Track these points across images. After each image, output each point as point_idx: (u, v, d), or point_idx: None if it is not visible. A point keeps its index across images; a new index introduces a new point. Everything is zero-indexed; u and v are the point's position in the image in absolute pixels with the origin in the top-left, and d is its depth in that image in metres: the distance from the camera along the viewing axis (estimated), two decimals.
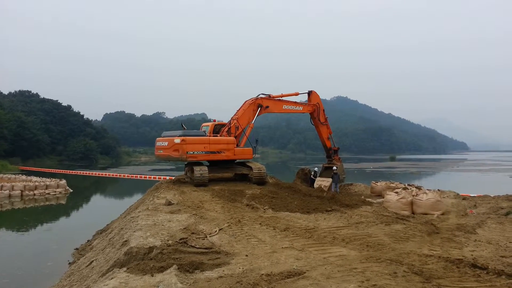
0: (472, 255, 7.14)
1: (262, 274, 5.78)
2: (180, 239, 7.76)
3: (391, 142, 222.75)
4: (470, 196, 18.34)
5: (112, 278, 5.81)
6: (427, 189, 16.16)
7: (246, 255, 6.90)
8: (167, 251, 6.94)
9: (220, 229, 8.84)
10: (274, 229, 8.98)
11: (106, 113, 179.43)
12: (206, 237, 8.20)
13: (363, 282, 5.45)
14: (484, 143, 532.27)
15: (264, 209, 11.55)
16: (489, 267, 6.24)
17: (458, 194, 18.29)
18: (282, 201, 12.95)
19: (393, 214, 11.66)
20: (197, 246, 7.41)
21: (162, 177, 34.37)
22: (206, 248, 7.32)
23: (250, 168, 17.28)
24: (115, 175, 47.08)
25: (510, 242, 8.25)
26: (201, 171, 15.80)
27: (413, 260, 6.65)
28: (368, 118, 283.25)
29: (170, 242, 7.53)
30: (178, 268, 6.03)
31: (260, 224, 9.47)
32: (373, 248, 7.43)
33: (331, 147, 22.28)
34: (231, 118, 18.54)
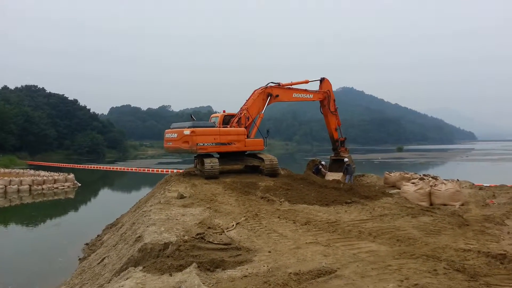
0: None
1: (290, 273, 5.30)
2: (197, 234, 7.31)
3: (398, 133, 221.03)
4: (486, 186, 17.82)
5: (127, 278, 5.37)
6: (444, 179, 15.64)
7: (269, 252, 6.43)
8: (184, 248, 6.50)
9: (237, 223, 8.39)
10: (294, 222, 8.51)
11: (112, 107, 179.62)
12: (224, 231, 7.74)
13: (402, 281, 4.97)
14: (491, 132, 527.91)
15: (281, 202, 11.07)
16: None
17: (473, 184, 17.74)
18: (298, 193, 12.45)
19: (416, 205, 11.12)
20: (216, 242, 6.96)
21: (170, 170, 34.01)
22: (225, 244, 6.87)
23: (262, 159, 16.80)
24: (123, 169, 46.90)
25: None
26: (211, 163, 15.36)
27: (451, 255, 6.15)
28: (374, 108, 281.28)
29: (186, 237, 7.08)
30: (198, 267, 5.58)
31: (278, 217, 9.00)
32: (404, 243, 6.93)
33: (338, 138, 21.68)
34: (241, 108, 18.03)
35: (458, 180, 17.01)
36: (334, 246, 6.74)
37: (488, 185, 18.47)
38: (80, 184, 31.77)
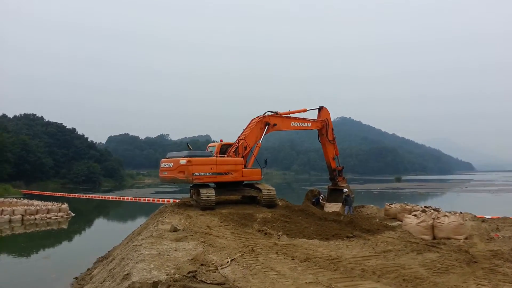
0: None
1: None
2: (188, 272, 6.82)
3: (396, 163, 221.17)
4: (488, 218, 17.39)
5: None
6: (447, 212, 15.21)
7: None
8: None
9: (233, 260, 7.90)
10: (292, 259, 8.02)
11: (111, 136, 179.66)
12: (218, 269, 7.25)
13: None
14: (488, 162, 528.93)
15: (278, 236, 10.59)
16: None
17: (475, 216, 17.30)
18: (297, 226, 11.98)
19: (420, 240, 10.65)
20: (208, 281, 6.47)
21: (166, 199, 33.42)
22: (219, 284, 6.38)
23: (259, 189, 16.42)
24: (118, 198, 46.17)
25: None
26: (208, 194, 14.95)
27: None
28: (372, 138, 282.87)
29: (177, 276, 6.60)
30: None
31: (276, 253, 8.51)
32: (412, 283, 6.46)
33: (336, 168, 21.37)
34: (238, 137, 17.79)
35: (461, 212, 16.58)
36: (336, 287, 6.26)
37: (490, 217, 18.05)
38: (74, 214, 31.10)
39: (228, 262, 7.72)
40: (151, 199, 39.96)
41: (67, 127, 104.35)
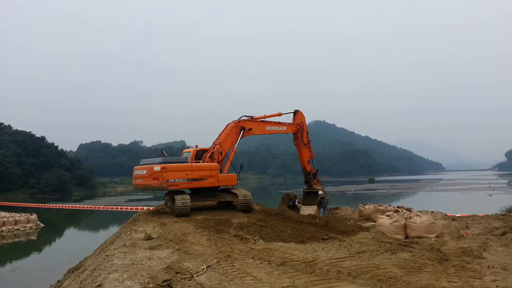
0: (497, 286, 6.34)
1: None
2: (163, 281, 6.67)
3: (369, 165, 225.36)
4: (457, 217, 17.91)
5: None
6: (418, 211, 15.56)
7: None
8: None
9: (208, 266, 7.78)
10: (269, 263, 7.98)
11: (82, 144, 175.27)
12: (193, 276, 7.13)
13: None
14: (457, 162, 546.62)
15: (255, 240, 10.53)
16: None
17: (445, 215, 17.79)
18: (273, 230, 11.95)
19: (394, 240, 10.83)
20: None
21: (139, 207, 32.78)
22: None
23: (235, 194, 16.32)
24: (90, 207, 45.01)
25: None
26: (182, 200, 14.73)
27: None
28: (346, 141, 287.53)
29: (151, 285, 6.44)
30: None
31: (252, 258, 8.45)
32: (386, 283, 6.53)
33: (311, 170, 21.54)
34: (213, 143, 17.67)
35: (432, 211, 16.99)
36: None
37: (459, 215, 18.56)
38: (43, 225, 30.14)
39: (204, 269, 7.61)
40: (124, 207, 39.16)
41: (35, 135, 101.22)
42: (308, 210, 19.90)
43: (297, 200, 21.93)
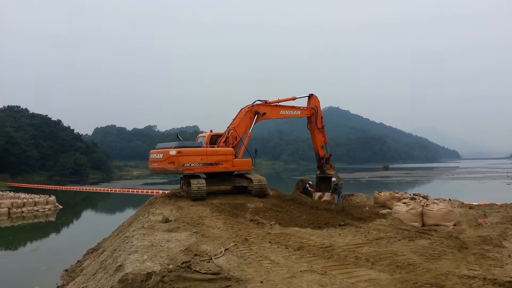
0: None
1: None
2: (182, 262, 6.77)
3: (383, 152, 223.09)
4: (475, 205, 17.67)
5: None
6: (435, 199, 15.39)
7: (261, 282, 5.93)
8: (169, 279, 5.97)
9: (226, 249, 7.87)
10: (286, 248, 8.02)
11: (97, 127, 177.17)
12: (212, 259, 7.22)
13: None
14: (475, 151, 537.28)
15: (271, 225, 10.59)
16: None
17: (463, 203, 17.58)
18: (289, 215, 12.00)
19: (411, 227, 10.75)
20: (203, 271, 6.43)
21: (155, 191, 33.20)
22: (213, 274, 6.34)
23: (250, 180, 16.37)
24: (106, 190, 45.78)
25: None
26: (198, 184, 14.86)
27: (455, 283, 5.76)
28: (360, 128, 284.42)
29: (171, 266, 6.54)
30: None
31: (269, 242, 8.50)
32: (405, 269, 6.51)
33: (324, 156, 21.36)
34: (228, 127, 17.65)
35: (449, 199, 16.78)
36: (330, 274, 6.28)
37: (477, 203, 18.32)
38: (61, 207, 30.72)
39: (222, 252, 7.69)
40: (140, 190, 39.71)
41: (52, 119, 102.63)
42: (322, 196, 19.84)
43: (307, 185, 21.79)
